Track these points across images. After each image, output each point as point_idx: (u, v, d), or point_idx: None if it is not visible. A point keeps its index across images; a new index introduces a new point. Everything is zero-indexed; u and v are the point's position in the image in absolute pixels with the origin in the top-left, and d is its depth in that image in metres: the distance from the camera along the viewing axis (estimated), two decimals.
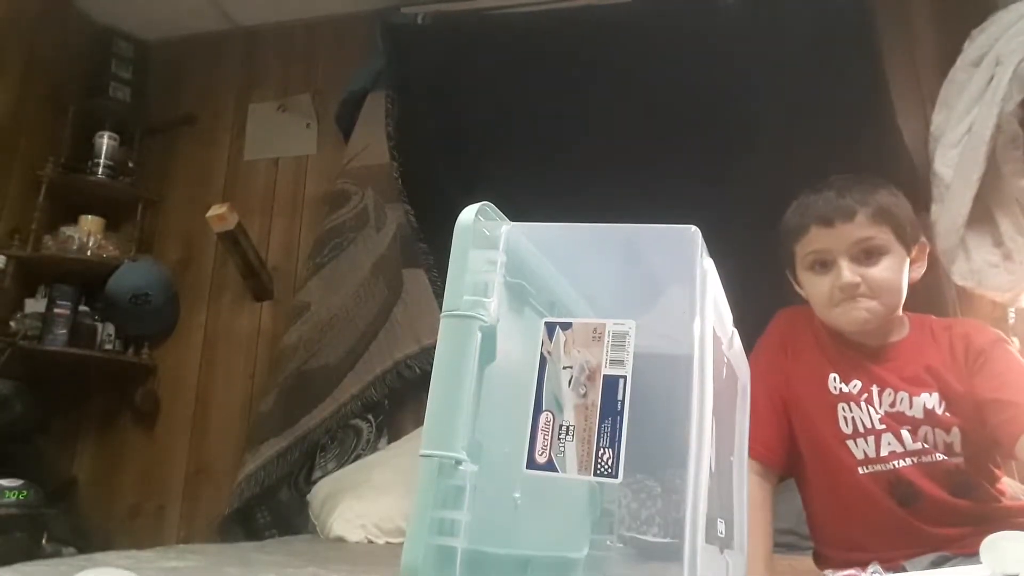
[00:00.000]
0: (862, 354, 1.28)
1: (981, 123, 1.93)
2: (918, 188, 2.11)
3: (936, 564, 1.13)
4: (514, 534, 0.60)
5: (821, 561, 1.35)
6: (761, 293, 1.55)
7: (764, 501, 1.27)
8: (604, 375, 0.57)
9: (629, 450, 0.54)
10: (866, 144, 2.15)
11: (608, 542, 0.65)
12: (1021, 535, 0.82)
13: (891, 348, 1.28)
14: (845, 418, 1.24)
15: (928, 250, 1.32)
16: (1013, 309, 2.03)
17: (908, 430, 1.21)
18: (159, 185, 3.02)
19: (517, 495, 0.58)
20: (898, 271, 1.24)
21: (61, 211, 2.78)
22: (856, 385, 1.26)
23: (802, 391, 1.31)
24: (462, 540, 0.52)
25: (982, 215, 1.97)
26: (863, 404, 1.24)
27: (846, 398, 1.25)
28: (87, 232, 2.73)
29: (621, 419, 0.55)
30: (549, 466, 0.56)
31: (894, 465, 1.20)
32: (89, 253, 2.71)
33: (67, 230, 2.73)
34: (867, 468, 1.22)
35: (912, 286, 1.28)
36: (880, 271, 1.22)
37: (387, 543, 1.97)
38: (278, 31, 3.08)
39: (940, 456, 1.20)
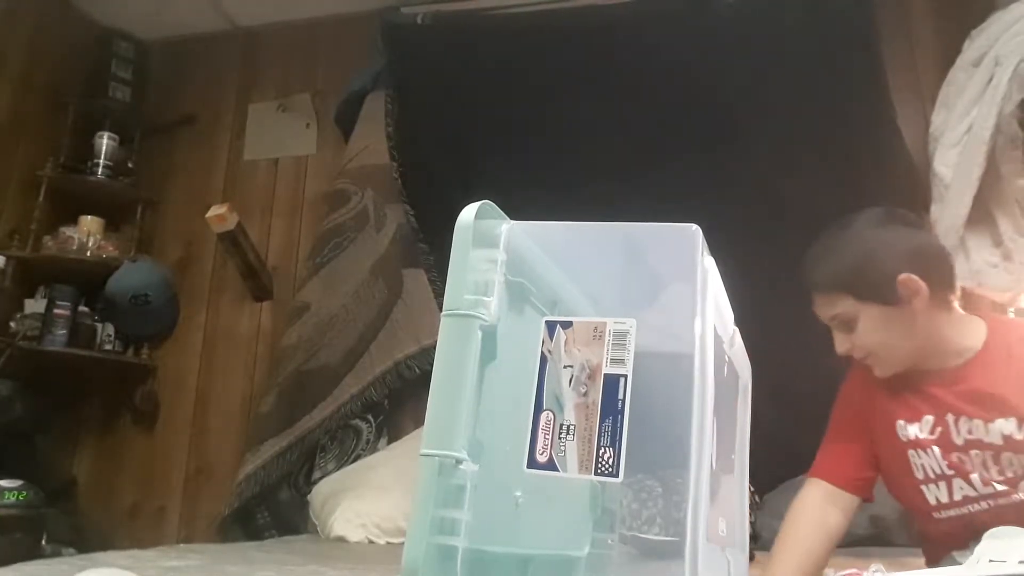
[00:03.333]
0: (929, 382, 1.24)
1: (981, 123, 1.94)
2: (918, 188, 2.11)
3: None
4: (515, 533, 0.60)
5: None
6: (762, 292, 1.55)
7: (819, 522, 1.26)
8: (605, 374, 0.56)
9: (630, 449, 0.54)
10: (866, 144, 2.15)
11: (609, 541, 0.65)
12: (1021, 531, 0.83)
13: (959, 370, 1.23)
14: (915, 464, 1.23)
15: (915, 280, 1.21)
16: (1013, 309, 2.02)
17: (991, 458, 1.17)
18: (159, 185, 3.02)
19: (518, 494, 0.58)
20: (880, 326, 1.22)
21: (61, 211, 2.78)
22: (928, 422, 1.23)
23: (880, 436, 1.30)
24: (463, 539, 0.52)
25: (982, 215, 1.97)
26: (932, 450, 1.21)
27: (914, 444, 1.23)
28: (87, 232, 2.73)
29: (622, 418, 0.55)
30: (550, 466, 0.56)
31: (968, 509, 1.18)
32: (89, 253, 2.71)
33: (67, 230, 2.72)
34: (942, 513, 1.21)
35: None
36: (859, 336, 1.22)
37: (387, 543, 1.97)
38: (278, 31, 3.08)
39: (1020, 496, 1.15)
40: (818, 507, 1.27)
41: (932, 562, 1.27)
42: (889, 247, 1.23)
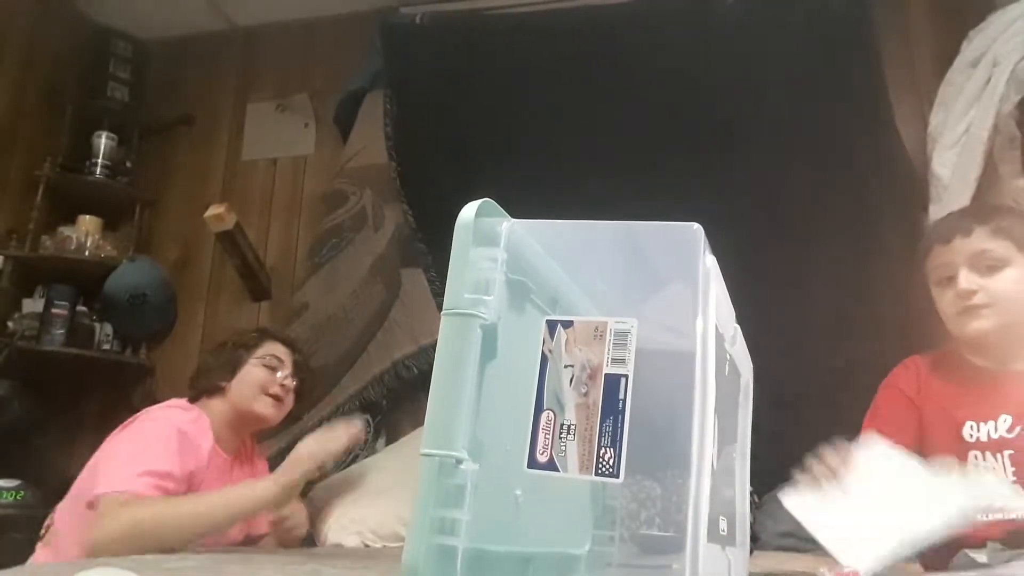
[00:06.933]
0: (1012, 383, 1.25)
1: (979, 124, 1.94)
2: (916, 189, 2.11)
3: None
4: (516, 531, 0.60)
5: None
6: (763, 290, 1.55)
7: None
8: (606, 374, 0.56)
9: (630, 450, 0.54)
10: (864, 144, 2.15)
11: (610, 538, 0.65)
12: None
13: None
14: (976, 465, 1.24)
15: None
16: None
17: None
18: (157, 185, 3.01)
19: (519, 492, 0.58)
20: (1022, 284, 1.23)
21: (59, 211, 2.77)
22: (1005, 421, 1.22)
23: (936, 432, 1.30)
24: (463, 539, 0.52)
25: None
26: (1000, 455, 1.21)
27: (982, 447, 1.24)
28: (85, 232, 2.73)
29: (623, 418, 0.55)
30: (550, 465, 0.56)
31: (1015, 516, 1.19)
32: (87, 253, 2.70)
33: (65, 230, 2.72)
34: (988, 515, 1.21)
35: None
36: (999, 282, 1.22)
37: (384, 547, 1.96)
38: (276, 31, 3.08)
39: None
40: None
41: (934, 561, 1.27)
42: None
